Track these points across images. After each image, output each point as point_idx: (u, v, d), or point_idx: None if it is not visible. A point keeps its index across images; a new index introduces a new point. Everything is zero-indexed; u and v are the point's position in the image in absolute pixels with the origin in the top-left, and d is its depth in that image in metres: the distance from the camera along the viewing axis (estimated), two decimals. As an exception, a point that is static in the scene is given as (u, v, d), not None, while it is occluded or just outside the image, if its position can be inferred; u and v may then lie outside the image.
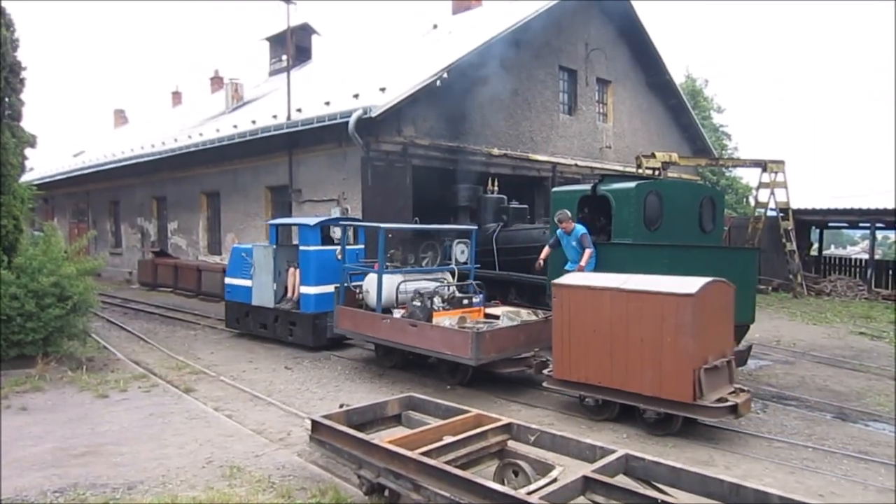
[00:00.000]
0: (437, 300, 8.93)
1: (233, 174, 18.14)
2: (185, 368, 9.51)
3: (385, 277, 9.25)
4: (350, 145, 13.60)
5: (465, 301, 9.27)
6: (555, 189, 11.13)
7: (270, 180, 16.82)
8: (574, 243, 9.22)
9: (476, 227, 10.87)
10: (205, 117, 25.10)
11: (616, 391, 6.85)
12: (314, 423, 5.32)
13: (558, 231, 9.37)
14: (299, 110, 15.31)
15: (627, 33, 20.53)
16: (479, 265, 10.73)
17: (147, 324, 13.88)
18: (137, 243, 23.77)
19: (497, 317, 9.06)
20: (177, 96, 37.29)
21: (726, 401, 6.33)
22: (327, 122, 13.55)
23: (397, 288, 9.43)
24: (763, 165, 19.48)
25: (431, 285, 9.40)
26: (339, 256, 10.62)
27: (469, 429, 5.06)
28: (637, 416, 6.82)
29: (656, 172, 17.71)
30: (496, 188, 14.20)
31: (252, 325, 12.10)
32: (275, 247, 11.66)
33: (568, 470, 4.48)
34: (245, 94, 25.38)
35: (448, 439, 4.83)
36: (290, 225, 12.39)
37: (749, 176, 36.67)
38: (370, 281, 9.54)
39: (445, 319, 8.59)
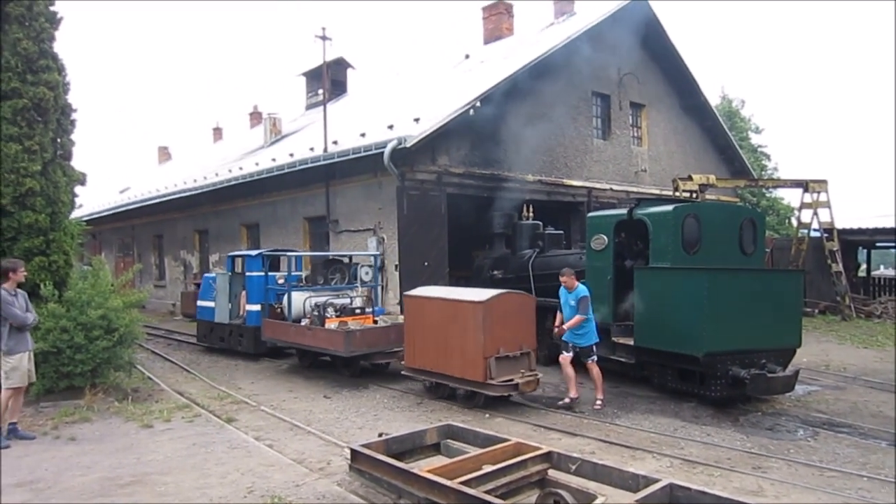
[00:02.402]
0: (329, 310, 11.12)
1: (272, 206, 18.52)
2: (227, 398, 9.64)
3: (294, 294, 11.81)
4: (385, 175, 13.79)
5: (357, 311, 11.43)
6: (590, 214, 11.09)
7: (308, 211, 17.11)
8: (573, 302, 8.81)
9: (378, 254, 13.18)
10: (244, 151, 25.76)
11: (441, 375, 9.06)
12: (353, 452, 5.33)
13: (561, 288, 9.04)
14: (335, 142, 15.61)
15: (660, 57, 20.49)
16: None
17: (189, 354, 14.14)
18: (180, 276, 24.33)
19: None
20: (217, 132, 38.38)
21: (512, 381, 8.41)
22: (363, 154, 13.78)
23: (304, 302, 11.65)
24: (804, 185, 19.09)
25: (337, 300, 11.53)
26: (281, 281, 12.77)
27: (509, 458, 5.01)
28: (456, 393, 9.07)
29: (694, 195, 17.49)
30: (531, 214, 14.19)
31: (215, 338, 14.25)
32: (230, 274, 13.95)
33: (611, 500, 4.39)
34: (283, 128, 25.99)
35: (488, 468, 4.79)
36: (239, 255, 14.23)
37: (790, 196, 35.89)
38: (286, 297, 11.90)
39: (334, 325, 10.71)
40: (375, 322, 11.39)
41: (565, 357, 8.89)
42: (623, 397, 9.44)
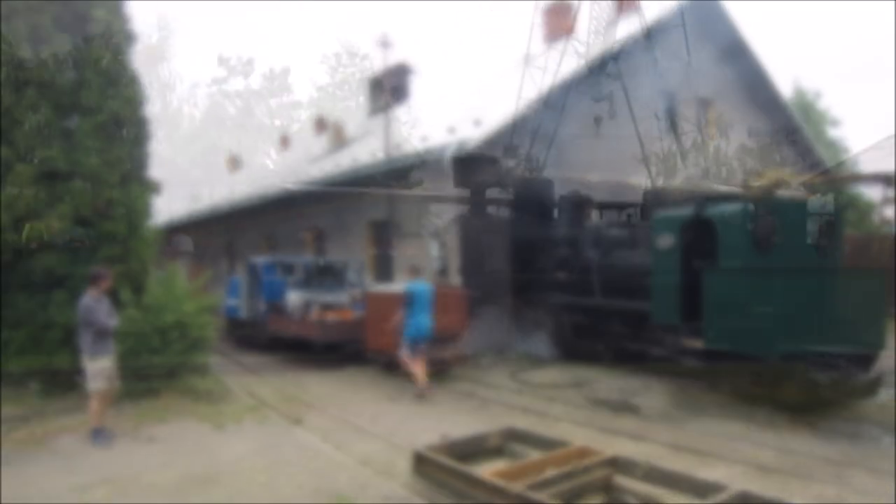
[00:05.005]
0: (315, 305, 13.25)
1: (336, 212, 18.85)
2: (295, 400, 9.87)
3: (291, 293, 13.97)
4: (446, 179, 13.83)
5: (339, 307, 13.43)
6: (656, 213, 10.82)
7: (372, 216, 17.35)
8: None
9: (361, 259, 15.42)
10: (310, 159, 26.34)
11: (392, 354, 10.57)
12: (417, 454, 5.38)
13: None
14: (398, 147, 15.78)
15: (729, 50, 19.77)
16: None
17: (259, 357, 14.51)
18: (249, 280, 25.00)
19: None
20: (284, 140, 39.42)
21: (441, 357, 10.58)
22: (424, 158, 13.87)
23: (297, 300, 13.70)
24: (887, 179, 18.05)
25: (324, 298, 13.63)
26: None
27: (573, 462, 4.95)
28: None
29: (765, 192, 16.80)
30: (595, 215, 13.95)
31: (239, 332, 16.14)
32: (251, 277, 15.65)
33: (679, 507, 4.27)
34: (347, 134, 26.43)
35: (551, 473, 4.74)
36: (258, 262, 15.98)
37: (872, 191, 33.96)
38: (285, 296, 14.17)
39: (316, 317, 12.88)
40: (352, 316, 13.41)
41: (403, 354, 10.05)
42: (692, 401, 9.17)
